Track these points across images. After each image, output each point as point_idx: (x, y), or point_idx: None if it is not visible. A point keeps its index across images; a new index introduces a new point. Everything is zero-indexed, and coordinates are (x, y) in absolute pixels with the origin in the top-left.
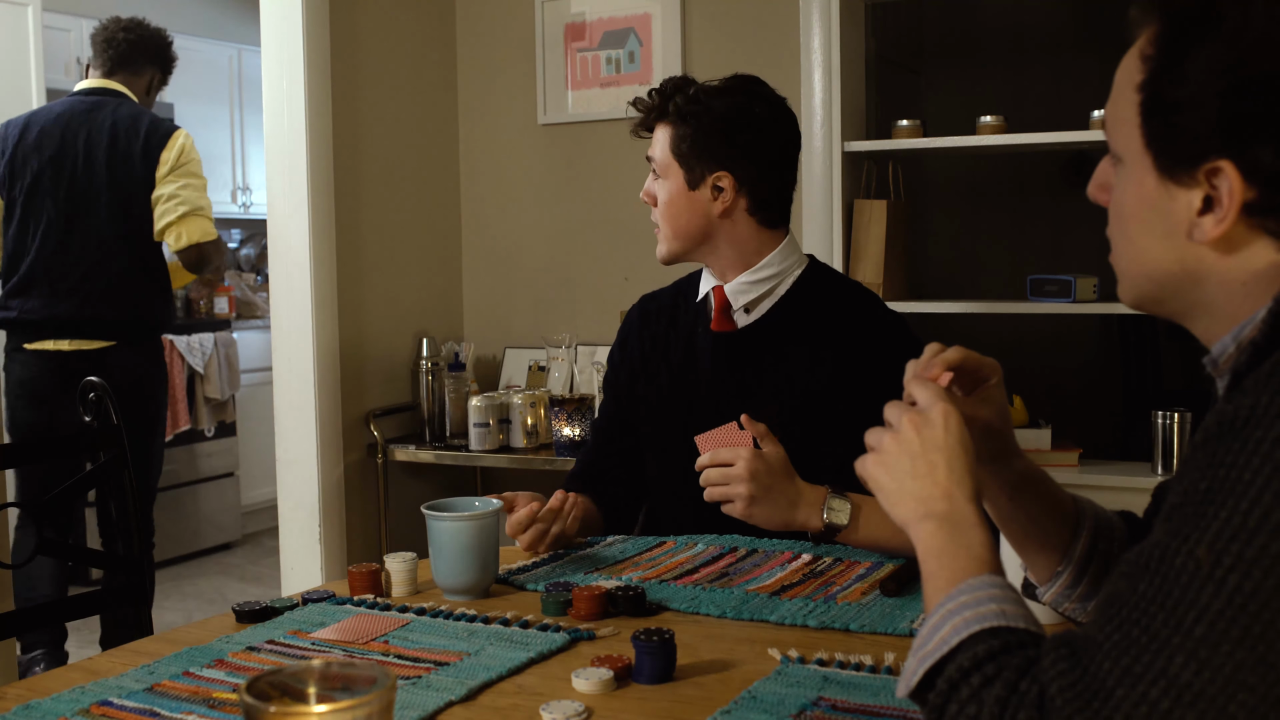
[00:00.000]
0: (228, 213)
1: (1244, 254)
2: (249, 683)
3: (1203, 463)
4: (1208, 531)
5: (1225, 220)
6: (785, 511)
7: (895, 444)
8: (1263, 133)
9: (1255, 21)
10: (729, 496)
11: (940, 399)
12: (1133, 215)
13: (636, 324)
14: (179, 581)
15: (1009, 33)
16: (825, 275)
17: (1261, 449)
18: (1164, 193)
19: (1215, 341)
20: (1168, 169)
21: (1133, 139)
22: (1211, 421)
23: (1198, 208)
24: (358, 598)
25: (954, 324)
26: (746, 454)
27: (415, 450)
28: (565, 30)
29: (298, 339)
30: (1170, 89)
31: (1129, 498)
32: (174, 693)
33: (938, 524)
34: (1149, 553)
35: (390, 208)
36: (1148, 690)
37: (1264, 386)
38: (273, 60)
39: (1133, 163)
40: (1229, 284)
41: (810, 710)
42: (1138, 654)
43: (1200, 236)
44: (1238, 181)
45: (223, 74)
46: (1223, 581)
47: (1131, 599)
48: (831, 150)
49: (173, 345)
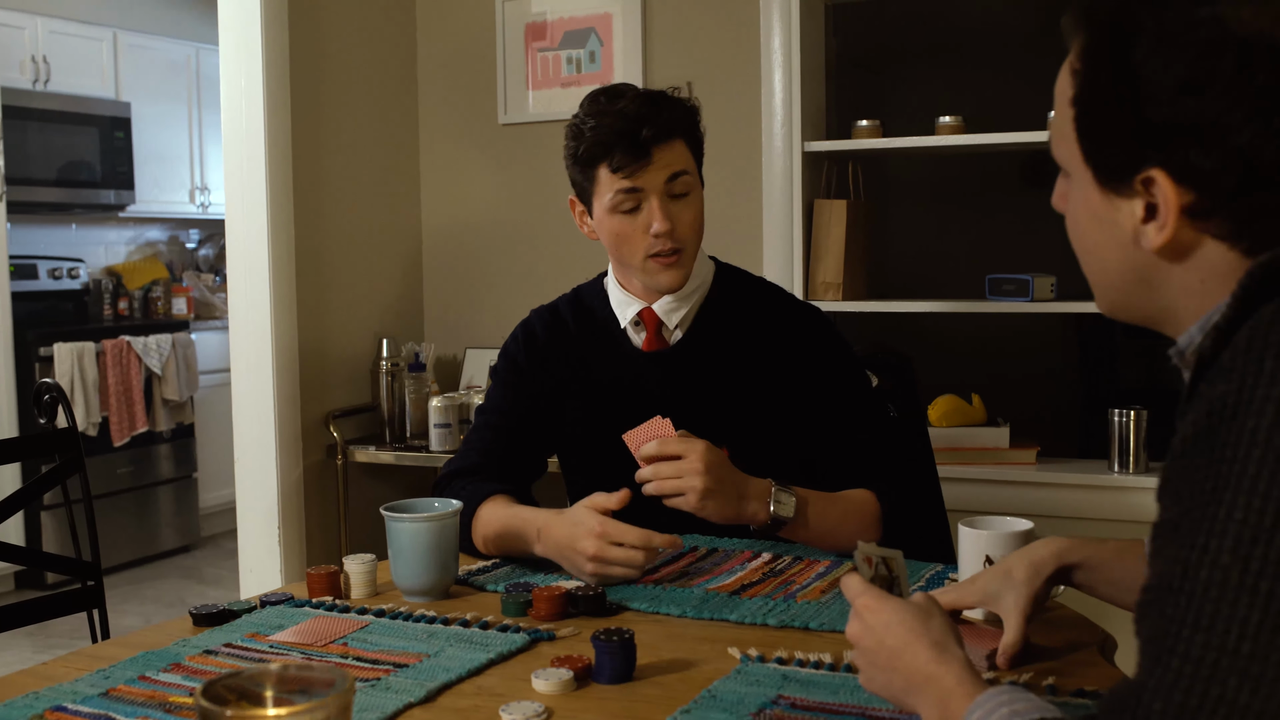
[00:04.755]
0: (186, 212)
1: (1196, 257)
2: (205, 686)
3: (1201, 461)
4: (1226, 537)
5: (1167, 227)
6: (735, 504)
7: (858, 656)
8: (1188, 135)
9: (1169, 26)
10: (681, 490)
11: (854, 595)
12: (1086, 228)
13: (543, 336)
14: (137, 585)
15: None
16: (734, 276)
17: (1259, 437)
18: (1108, 204)
19: None
20: (1107, 181)
21: (1073, 154)
22: (1201, 412)
23: (1140, 216)
24: (316, 600)
25: (914, 323)
26: (700, 446)
27: (375, 451)
28: (526, 30)
29: (256, 340)
30: (1097, 102)
31: (1085, 495)
32: (129, 697)
33: (917, 699)
34: (1168, 572)
35: (350, 207)
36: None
37: (1243, 368)
38: (231, 59)
39: (1078, 177)
40: (1188, 286)
41: (770, 708)
42: (1189, 687)
43: (1147, 244)
44: (1170, 188)
45: (181, 73)
46: (1255, 589)
47: (1163, 626)
48: (791, 150)
49: (130, 347)
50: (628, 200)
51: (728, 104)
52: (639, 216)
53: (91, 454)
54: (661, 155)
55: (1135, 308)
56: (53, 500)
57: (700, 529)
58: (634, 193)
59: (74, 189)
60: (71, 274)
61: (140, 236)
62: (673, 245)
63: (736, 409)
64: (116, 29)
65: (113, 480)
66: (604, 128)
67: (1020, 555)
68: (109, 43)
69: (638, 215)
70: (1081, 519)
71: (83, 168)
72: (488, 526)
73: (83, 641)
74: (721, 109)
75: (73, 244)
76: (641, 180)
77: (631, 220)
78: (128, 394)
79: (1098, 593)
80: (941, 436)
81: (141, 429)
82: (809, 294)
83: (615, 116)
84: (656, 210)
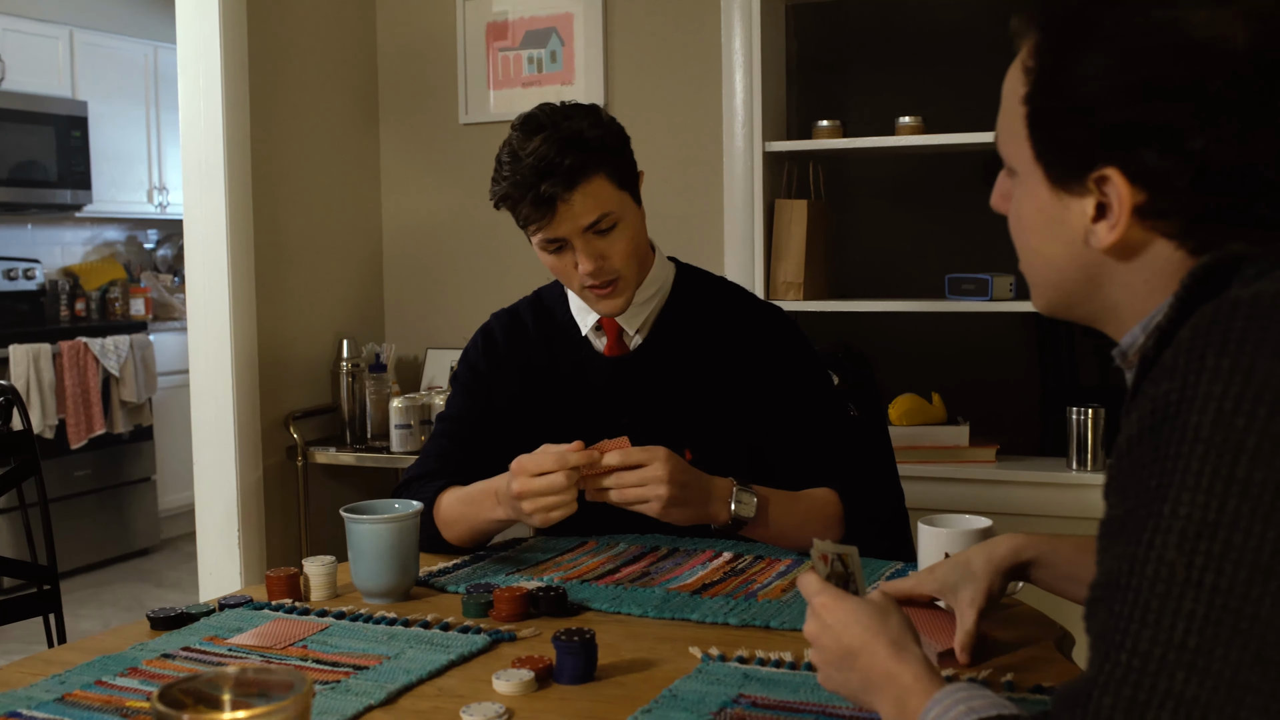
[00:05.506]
0: (144, 213)
1: (1143, 256)
2: (162, 690)
3: (1146, 458)
4: (1171, 533)
5: (1118, 226)
6: (698, 507)
7: (816, 655)
8: (1144, 136)
9: (1126, 27)
10: (645, 498)
11: (811, 594)
12: (1031, 226)
13: (503, 342)
14: (95, 589)
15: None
16: (695, 278)
17: (1202, 434)
18: (1058, 202)
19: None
20: (1059, 179)
21: (1023, 151)
22: (1145, 411)
23: (1091, 215)
24: (276, 602)
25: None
26: (663, 454)
27: (336, 453)
28: (487, 29)
29: (215, 341)
30: (1052, 100)
31: (1044, 493)
32: (86, 703)
33: (875, 697)
34: (1115, 569)
35: (310, 207)
36: (1157, 716)
37: (1185, 366)
38: (189, 58)
39: (1026, 174)
40: (1132, 285)
41: (731, 707)
42: (1137, 681)
43: (1096, 243)
44: (1125, 187)
45: (138, 72)
46: (1200, 584)
47: (1111, 622)
48: (752, 150)
49: (87, 348)
50: (550, 244)
51: (689, 104)
52: (566, 254)
53: (48, 456)
54: (571, 206)
55: (1077, 306)
56: (8, 504)
57: (661, 529)
58: (553, 240)
59: (30, 189)
60: (27, 275)
61: (97, 237)
62: (606, 279)
63: (699, 411)
64: (73, 27)
65: (70, 483)
66: (510, 180)
67: (979, 549)
68: (65, 41)
69: (565, 253)
70: (1040, 516)
71: (39, 167)
72: (449, 512)
73: (38, 646)
74: (682, 109)
75: (28, 244)
76: (553, 232)
77: (560, 258)
78: (85, 396)
79: (1054, 588)
80: (902, 435)
81: (99, 431)
82: (770, 294)
83: (522, 170)
84: (580, 254)
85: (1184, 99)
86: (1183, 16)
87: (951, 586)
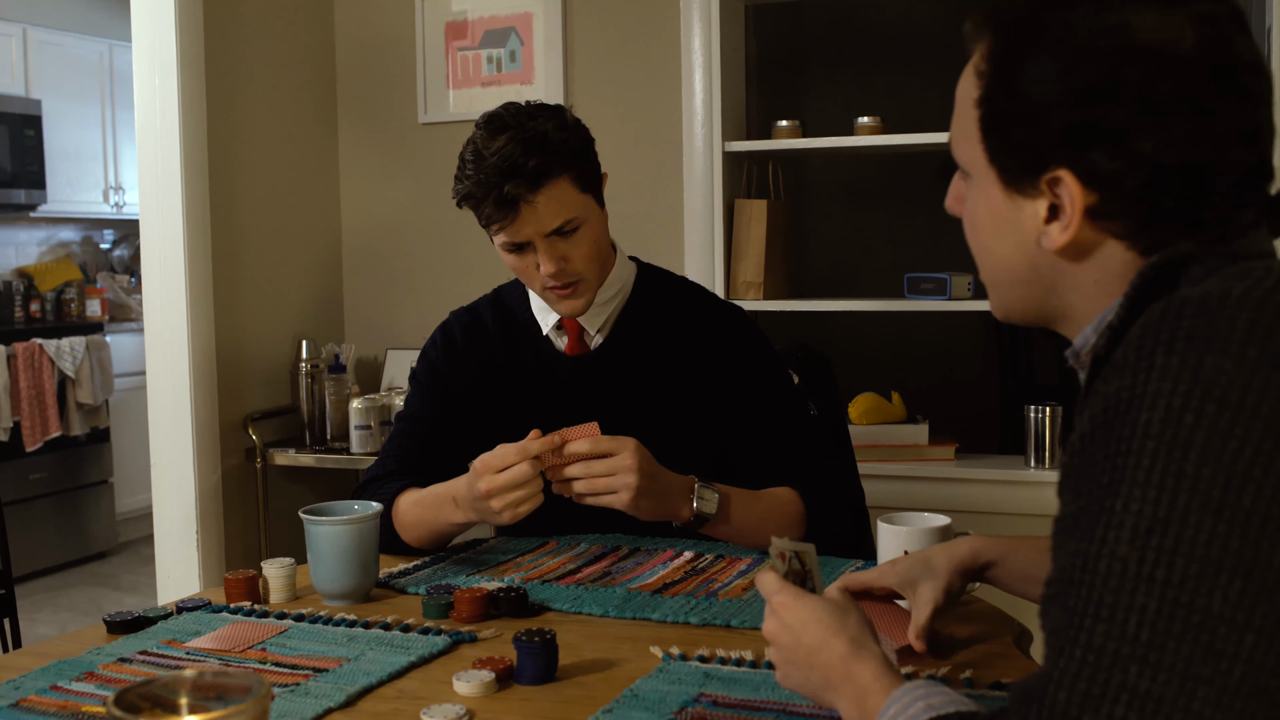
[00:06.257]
0: (100, 212)
1: (1095, 257)
2: (117, 695)
3: (1098, 455)
4: (1124, 529)
5: (1070, 227)
6: (665, 501)
7: (775, 653)
8: (1095, 139)
9: (1076, 31)
10: (614, 488)
11: (770, 592)
12: (985, 227)
13: (462, 340)
14: (52, 593)
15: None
16: (657, 277)
17: (1152, 430)
18: (1011, 204)
19: None
20: (1012, 181)
21: (977, 154)
22: (1097, 409)
23: (1044, 216)
24: (234, 605)
25: (834, 322)
26: (631, 444)
27: (295, 454)
28: (446, 29)
29: (172, 342)
30: (1005, 103)
31: (1003, 490)
32: (41, 708)
33: (835, 695)
34: (1069, 565)
35: (268, 207)
36: (1112, 710)
37: (1135, 364)
38: (144, 56)
39: (980, 177)
40: (1084, 287)
41: (692, 706)
42: (1091, 675)
43: (1049, 244)
44: (1077, 188)
45: (93, 70)
46: (1151, 579)
47: (1066, 618)
48: (712, 150)
49: (42, 349)
50: (512, 245)
51: (648, 104)
52: (528, 255)
53: (3, 459)
54: (534, 208)
55: (1031, 309)
56: None
57: (622, 526)
58: (515, 242)
59: None
60: None
61: (52, 237)
62: (567, 280)
63: (660, 410)
64: (26, 25)
65: (26, 486)
66: (474, 179)
67: (941, 548)
68: (18, 39)
69: (527, 254)
70: (999, 514)
71: None
72: (408, 516)
73: None
74: (642, 109)
75: None
76: (516, 235)
77: (521, 258)
78: (40, 398)
79: (1014, 589)
80: (862, 434)
81: (55, 433)
82: (730, 293)
83: (486, 169)
84: (542, 255)
85: (1133, 101)
86: (1132, 20)
87: (912, 582)
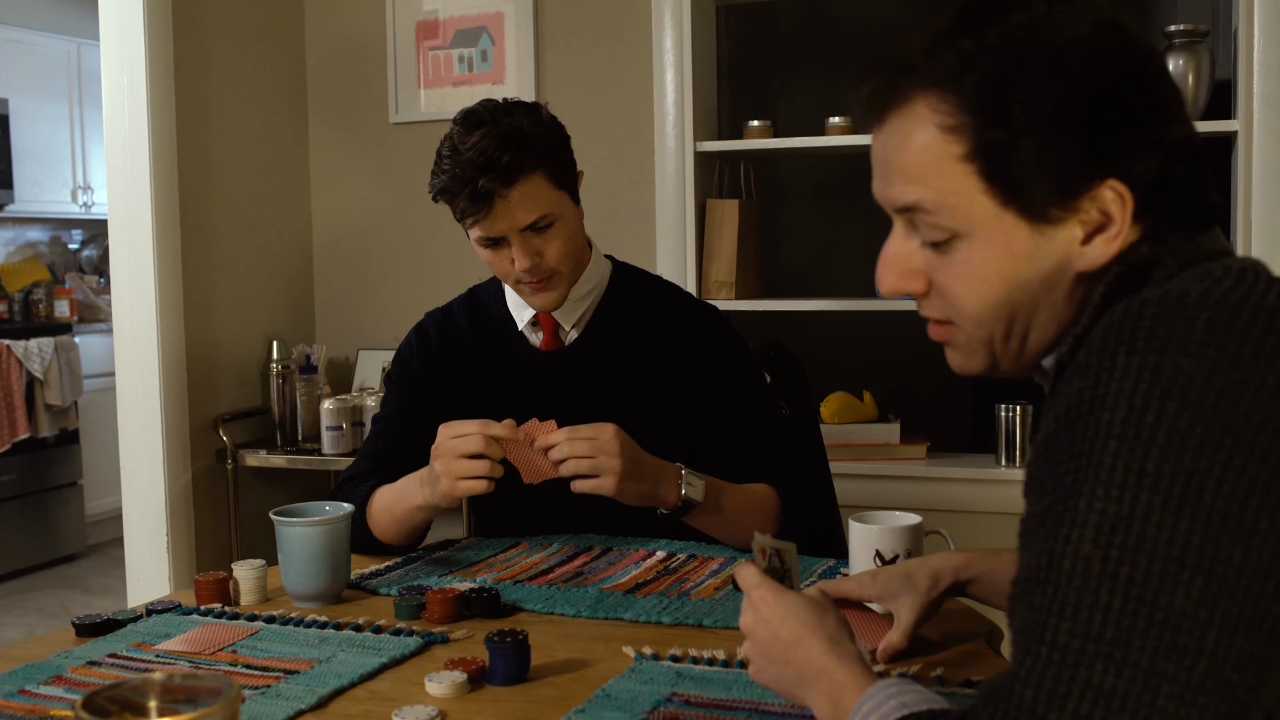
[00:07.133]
0: (68, 212)
1: None
2: (86, 698)
3: (1062, 455)
4: (1087, 527)
5: (1121, 234)
6: (651, 485)
7: (751, 647)
8: (1125, 140)
9: (1053, 47)
10: (598, 471)
11: (750, 586)
12: (1004, 278)
13: (436, 341)
14: (20, 596)
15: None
16: (632, 276)
17: (1114, 430)
18: (1039, 238)
19: None
20: (1039, 214)
21: (980, 207)
22: (1061, 409)
23: (1080, 237)
24: (205, 607)
25: (806, 322)
26: (612, 428)
27: (266, 455)
28: (417, 28)
29: (142, 343)
30: (1012, 141)
31: (974, 489)
32: (8, 712)
33: (809, 692)
34: (1035, 564)
35: (238, 207)
36: (1077, 707)
37: (1097, 365)
38: (113, 55)
39: (987, 229)
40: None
41: (664, 706)
42: (1057, 673)
43: (1088, 263)
44: (1125, 191)
45: (61, 69)
46: (1115, 576)
47: (1032, 616)
48: (684, 150)
49: (10, 350)
50: (487, 240)
51: (620, 104)
52: (502, 250)
53: None
54: (509, 203)
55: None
56: None
57: (594, 526)
58: (490, 237)
59: None
60: None
61: (20, 237)
62: (541, 275)
63: (633, 407)
64: None
65: None
66: (449, 174)
67: (924, 563)
68: None
69: (501, 249)
70: (970, 512)
71: None
72: (382, 512)
73: None
74: (614, 109)
75: None
76: (490, 230)
77: (496, 252)
78: (8, 399)
79: (993, 603)
80: (833, 433)
81: (23, 435)
82: (702, 293)
83: (461, 164)
84: (516, 250)
85: (1145, 97)
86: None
87: (893, 594)
